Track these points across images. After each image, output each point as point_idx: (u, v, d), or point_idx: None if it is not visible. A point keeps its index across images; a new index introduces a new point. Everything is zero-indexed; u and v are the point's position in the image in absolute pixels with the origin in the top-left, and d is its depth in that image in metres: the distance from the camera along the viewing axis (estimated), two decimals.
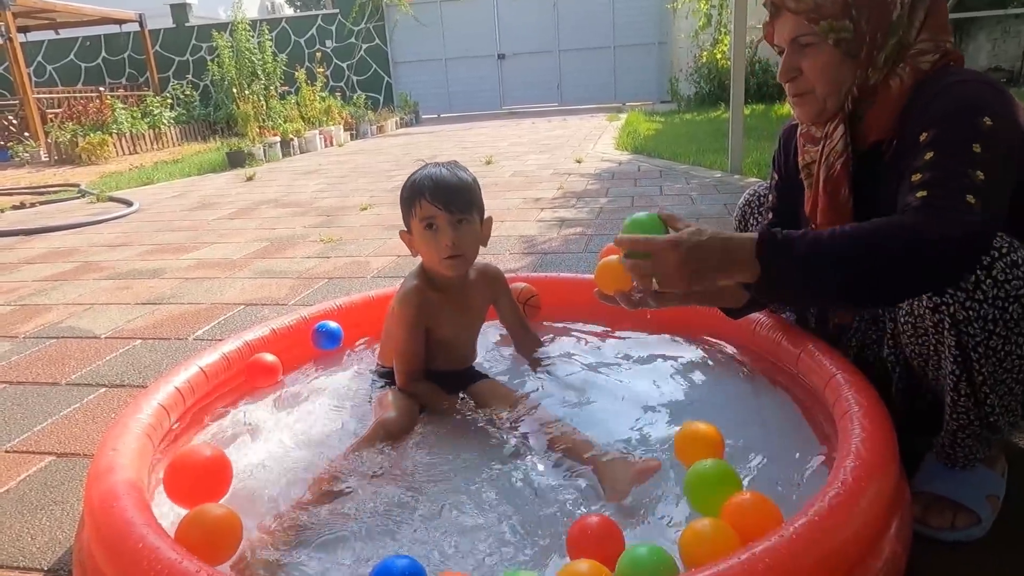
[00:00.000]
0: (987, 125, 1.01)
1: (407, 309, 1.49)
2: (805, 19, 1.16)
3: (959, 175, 0.99)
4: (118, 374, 2.08)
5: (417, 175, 1.50)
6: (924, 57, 1.15)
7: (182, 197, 5.89)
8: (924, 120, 1.08)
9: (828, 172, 1.25)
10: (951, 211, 0.97)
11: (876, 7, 1.13)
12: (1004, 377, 1.05)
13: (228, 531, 1.04)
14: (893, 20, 1.14)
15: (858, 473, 0.96)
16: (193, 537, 1.00)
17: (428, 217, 1.45)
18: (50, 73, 15.21)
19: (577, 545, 1.01)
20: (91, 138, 9.24)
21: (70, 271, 3.49)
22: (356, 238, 3.78)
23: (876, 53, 1.15)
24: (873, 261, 1.00)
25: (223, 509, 1.07)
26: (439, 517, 1.18)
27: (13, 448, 1.67)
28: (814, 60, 1.18)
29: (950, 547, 1.11)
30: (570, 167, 5.93)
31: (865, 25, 1.14)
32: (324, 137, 9.71)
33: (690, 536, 0.96)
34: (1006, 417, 1.10)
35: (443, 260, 1.47)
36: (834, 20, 1.13)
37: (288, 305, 2.64)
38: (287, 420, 1.52)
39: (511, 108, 14.76)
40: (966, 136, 1.02)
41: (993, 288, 1.00)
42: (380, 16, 14.51)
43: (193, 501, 1.12)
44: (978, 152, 1.00)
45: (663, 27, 13.80)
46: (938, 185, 1.00)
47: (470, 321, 1.62)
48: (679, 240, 1.08)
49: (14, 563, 1.24)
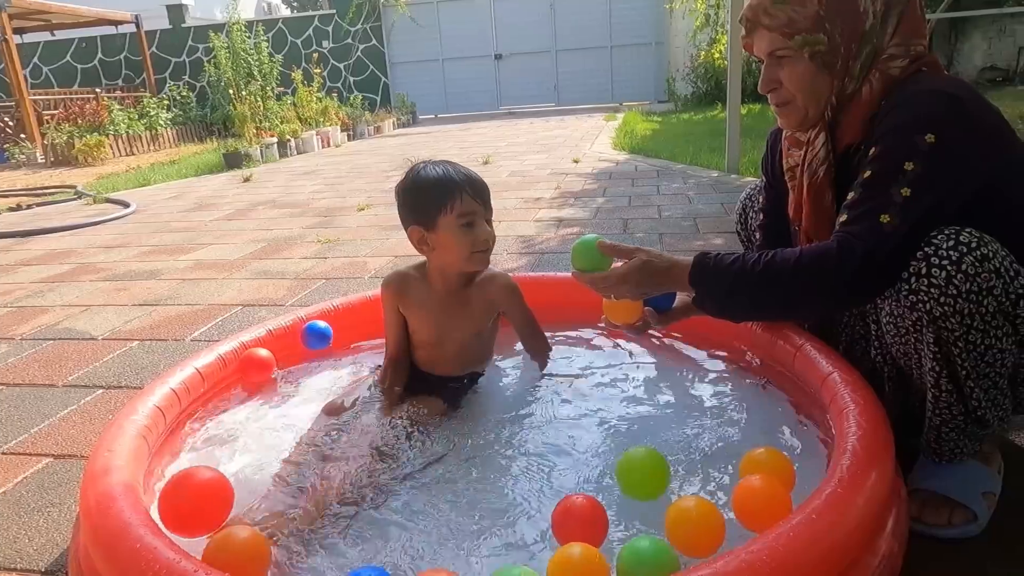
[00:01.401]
0: (927, 142, 1.06)
1: (382, 289, 1.55)
2: (779, 34, 1.19)
3: (882, 195, 1.08)
4: (115, 376, 2.08)
5: (444, 173, 1.45)
6: (894, 63, 1.17)
7: (179, 198, 5.88)
8: (878, 132, 1.13)
9: (811, 178, 1.28)
10: (856, 238, 1.07)
11: (848, 19, 1.16)
12: (987, 371, 1.06)
13: (257, 556, 0.98)
14: (866, 30, 1.17)
15: (854, 471, 0.96)
16: (221, 562, 0.94)
17: (469, 214, 1.43)
18: (46, 74, 15.18)
19: (563, 525, 1.03)
20: (88, 140, 9.23)
21: (67, 273, 3.48)
22: (353, 239, 3.78)
23: (852, 63, 1.18)
24: (782, 290, 1.15)
25: (249, 531, 1.00)
26: (422, 518, 1.18)
27: (10, 450, 1.67)
28: (792, 72, 1.21)
29: (947, 544, 1.12)
30: (567, 167, 5.94)
31: (839, 37, 1.17)
32: (321, 138, 9.70)
33: (676, 515, 0.99)
34: (994, 411, 1.10)
35: (473, 255, 1.45)
36: (808, 34, 1.17)
37: (285, 306, 2.63)
38: (280, 421, 1.52)
39: (508, 108, 14.76)
40: (902, 154, 1.08)
41: (965, 283, 1.01)
42: (377, 17, 14.50)
43: (191, 530, 1.06)
44: (909, 169, 1.06)
45: (660, 27, 13.81)
46: (857, 208, 1.10)
47: (460, 324, 1.55)
48: (627, 273, 1.27)
49: (11, 565, 1.24)
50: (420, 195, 1.46)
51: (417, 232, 1.47)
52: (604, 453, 1.34)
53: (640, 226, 3.52)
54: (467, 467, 1.31)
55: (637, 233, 3.37)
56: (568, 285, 1.60)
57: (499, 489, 1.24)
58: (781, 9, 1.17)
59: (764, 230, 1.55)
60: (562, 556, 0.91)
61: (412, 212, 1.48)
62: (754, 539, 0.86)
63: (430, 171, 1.46)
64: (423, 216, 1.45)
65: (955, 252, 1.01)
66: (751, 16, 1.23)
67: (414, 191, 1.47)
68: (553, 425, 1.45)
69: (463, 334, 1.56)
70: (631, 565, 0.91)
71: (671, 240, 3.19)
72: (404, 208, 1.50)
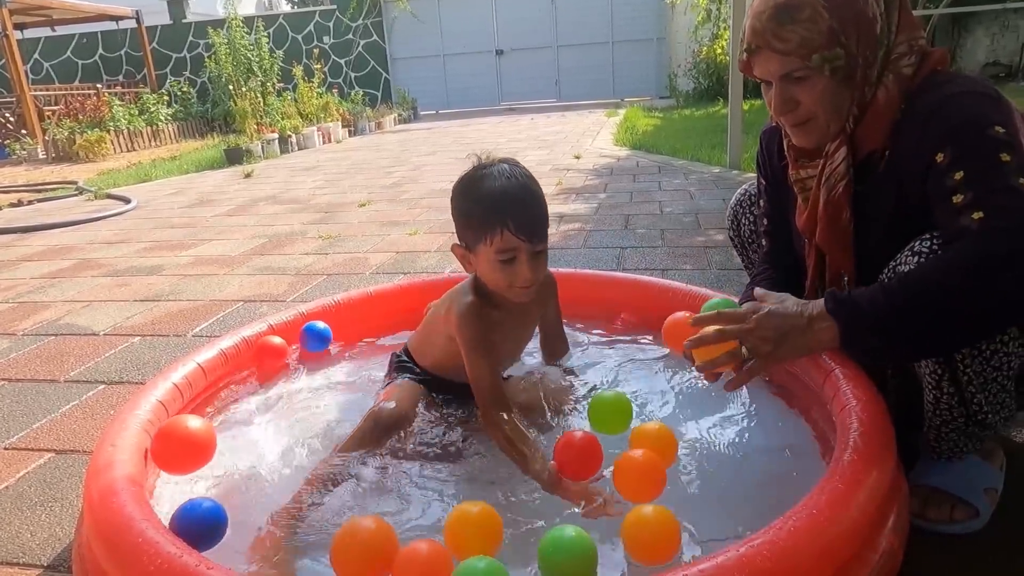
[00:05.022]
0: (1000, 133, 1.01)
1: (471, 330, 1.31)
2: (795, 56, 1.12)
3: (1002, 185, 0.98)
4: (117, 371, 2.08)
5: (494, 192, 1.26)
6: (904, 61, 1.14)
7: (180, 194, 5.88)
8: (929, 140, 1.07)
9: (829, 194, 1.23)
10: (1014, 222, 0.96)
11: (861, 26, 1.11)
12: (993, 375, 1.05)
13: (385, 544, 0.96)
14: (878, 34, 1.13)
15: (855, 466, 0.96)
16: (350, 555, 0.95)
17: (510, 250, 1.26)
18: (47, 70, 15.17)
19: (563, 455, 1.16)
20: (88, 135, 9.23)
21: (68, 268, 3.48)
22: (355, 234, 3.78)
23: (870, 70, 1.14)
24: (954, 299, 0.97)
25: (374, 521, 0.98)
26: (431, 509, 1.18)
27: (12, 445, 1.67)
28: (811, 91, 1.15)
29: (948, 540, 1.12)
30: (569, 163, 5.93)
31: (855, 47, 1.12)
32: (322, 134, 9.69)
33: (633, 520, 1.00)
34: (997, 414, 1.09)
35: (512, 288, 1.30)
36: (826, 51, 1.11)
37: (287, 301, 2.64)
38: (283, 418, 1.52)
39: (509, 104, 14.74)
40: (988, 148, 1.01)
41: None
42: (378, 12, 14.48)
43: (179, 468, 1.24)
44: (1007, 160, 1.00)
45: (662, 22, 13.79)
46: (987, 200, 0.99)
47: (527, 334, 1.51)
48: (756, 307, 1.15)
49: (14, 559, 1.24)
50: (465, 211, 1.32)
51: (459, 249, 1.36)
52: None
53: (642, 222, 3.52)
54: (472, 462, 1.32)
55: (639, 229, 3.37)
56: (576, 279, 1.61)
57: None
58: (792, 31, 1.11)
59: (771, 237, 1.48)
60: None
61: (457, 223, 1.35)
62: (755, 534, 0.86)
63: (484, 186, 1.28)
64: (467, 236, 1.32)
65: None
66: (758, 42, 1.15)
67: (461, 202, 1.33)
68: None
69: (526, 340, 1.53)
70: (551, 555, 0.94)
71: (672, 236, 3.19)
72: (453, 213, 1.36)
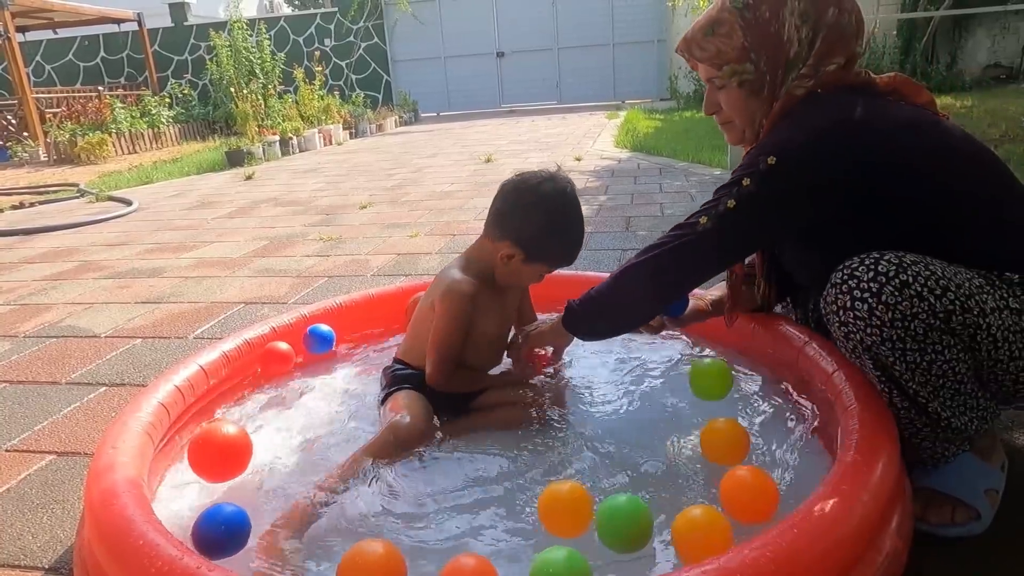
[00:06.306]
0: (768, 164, 1.13)
1: (460, 303, 1.45)
2: (711, 65, 1.28)
3: (713, 204, 1.19)
4: (118, 373, 2.08)
5: (575, 238, 1.49)
6: (802, 83, 1.21)
7: (181, 196, 5.89)
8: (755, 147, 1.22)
9: None
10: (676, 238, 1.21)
11: (773, 48, 1.21)
12: (939, 382, 1.05)
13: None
14: (791, 57, 1.21)
15: (859, 468, 0.96)
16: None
17: (548, 272, 1.53)
18: (48, 73, 15.19)
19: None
20: (90, 138, 9.23)
21: (70, 270, 3.49)
22: (356, 236, 3.78)
23: (779, 88, 1.23)
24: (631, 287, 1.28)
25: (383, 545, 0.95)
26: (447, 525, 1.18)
27: (13, 447, 1.67)
28: (727, 98, 1.29)
29: (952, 542, 1.12)
30: (570, 165, 5.93)
31: (764, 66, 1.23)
32: (323, 136, 9.69)
33: (683, 524, 0.99)
34: (964, 415, 1.09)
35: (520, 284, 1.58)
36: (735, 64, 1.24)
37: (288, 303, 2.64)
38: (289, 423, 1.52)
39: (510, 106, 14.75)
40: (743, 172, 1.17)
41: (887, 312, 1.02)
42: (379, 14, 14.49)
43: (216, 475, 1.26)
44: (745, 185, 1.15)
45: (662, 24, 13.78)
46: (702, 211, 1.21)
47: (510, 321, 1.62)
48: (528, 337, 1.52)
49: (15, 562, 1.24)
50: (546, 236, 1.46)
51: (509, 249, 1.47)
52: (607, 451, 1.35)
53: (642, 224, 3.52)
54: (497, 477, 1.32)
55: (640, 231, 3.37)
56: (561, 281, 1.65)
57: None
58: (711, 42, 1.26)
59: None
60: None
61: (524, 232, 1.45)
62: (758, 535, 0.86)
63: (573, 230, 1.48)
64: (524, 243, 1.46)
65: (875, 284, 1.03)
66: (685, 48, 1.31)
67: (545, 227, 1.45)
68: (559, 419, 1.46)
69: (509, 328, 1.63)
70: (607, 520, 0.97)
71: None
72: (515, 219, 1.46)
